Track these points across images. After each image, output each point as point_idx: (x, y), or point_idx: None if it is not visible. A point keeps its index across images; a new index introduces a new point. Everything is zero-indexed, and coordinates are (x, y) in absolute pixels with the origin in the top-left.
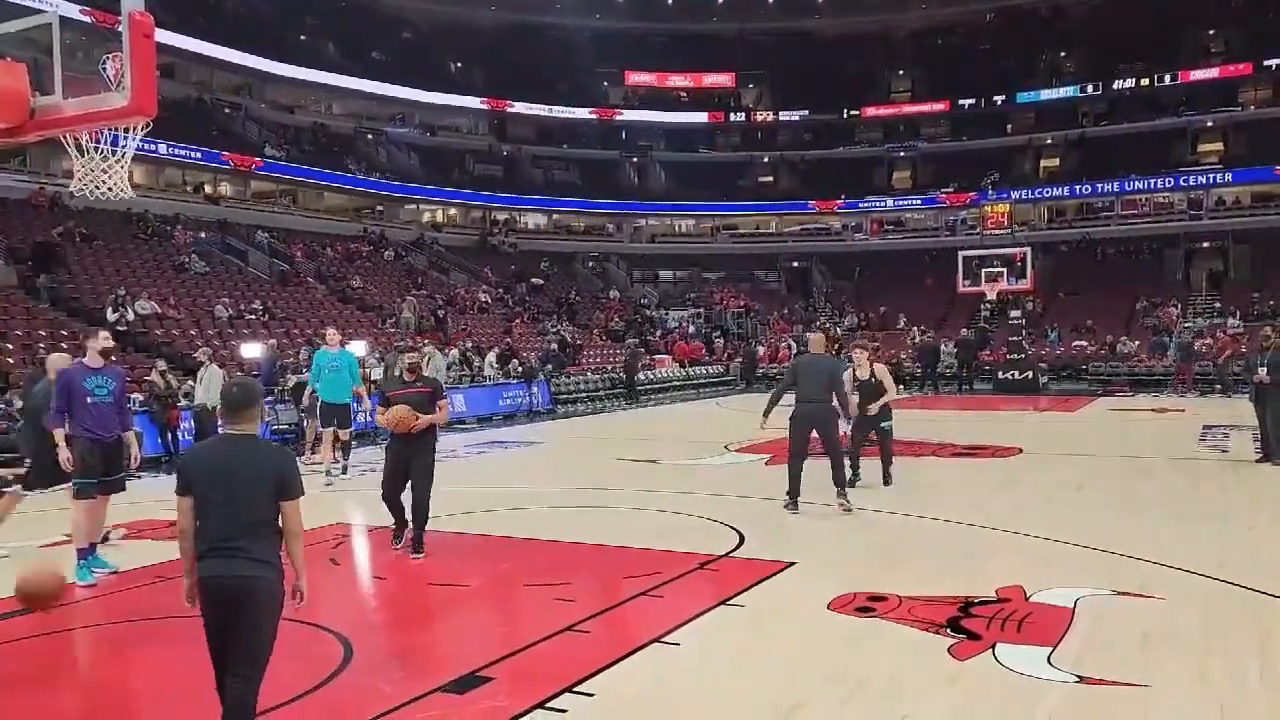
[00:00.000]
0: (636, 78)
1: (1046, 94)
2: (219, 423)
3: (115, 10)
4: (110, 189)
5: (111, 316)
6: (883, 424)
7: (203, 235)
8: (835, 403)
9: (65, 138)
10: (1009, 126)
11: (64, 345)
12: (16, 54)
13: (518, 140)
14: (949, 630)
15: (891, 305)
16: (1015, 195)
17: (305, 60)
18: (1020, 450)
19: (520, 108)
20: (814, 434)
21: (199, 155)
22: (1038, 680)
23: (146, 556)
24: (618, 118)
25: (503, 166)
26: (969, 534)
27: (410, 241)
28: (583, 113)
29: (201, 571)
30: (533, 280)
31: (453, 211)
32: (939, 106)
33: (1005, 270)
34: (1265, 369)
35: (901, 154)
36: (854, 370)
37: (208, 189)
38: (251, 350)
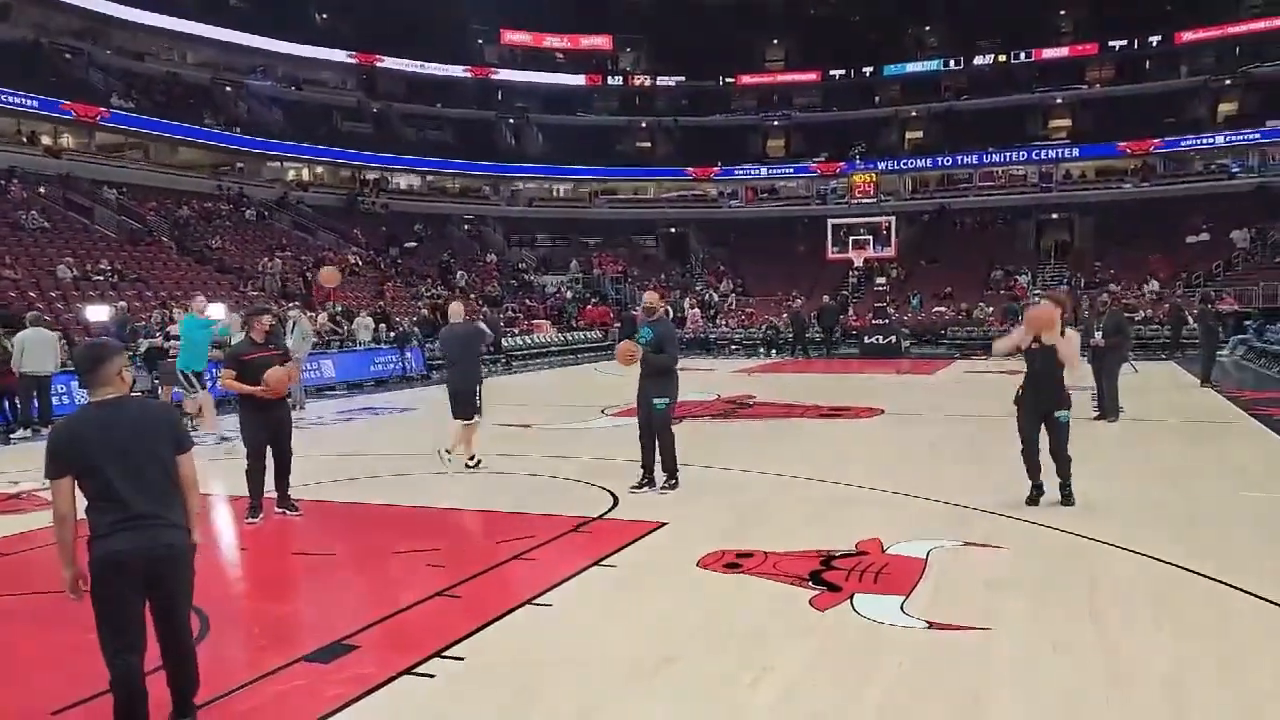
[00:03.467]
0: (513, 36)
1: (912, 67)
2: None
3: None
4: None
5: None
6: (1057, 413)
7: (41, 190)
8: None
9: None
10: (877, 98)
11: None
12: None
13: (388, 97)
14: (811, 583)
15: (765, 271)
16: (882, 165)
17: (155, 5)
18: (883, 411)
19: (391, 63)
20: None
21: (35, 104)
22: (891, 627)
23: None
24: (494, 77)
25: (373, 124)
26: (833, 491)
27: (274, 201)
28: (457, 71)
29: (113, 545)
30: (406, 244)
31: (320, 170)
32: (811, 76)
33: (871, 238)
34: (1101, 333)
35: (775, 123)
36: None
37: (47, 140)
38: (98, 313)
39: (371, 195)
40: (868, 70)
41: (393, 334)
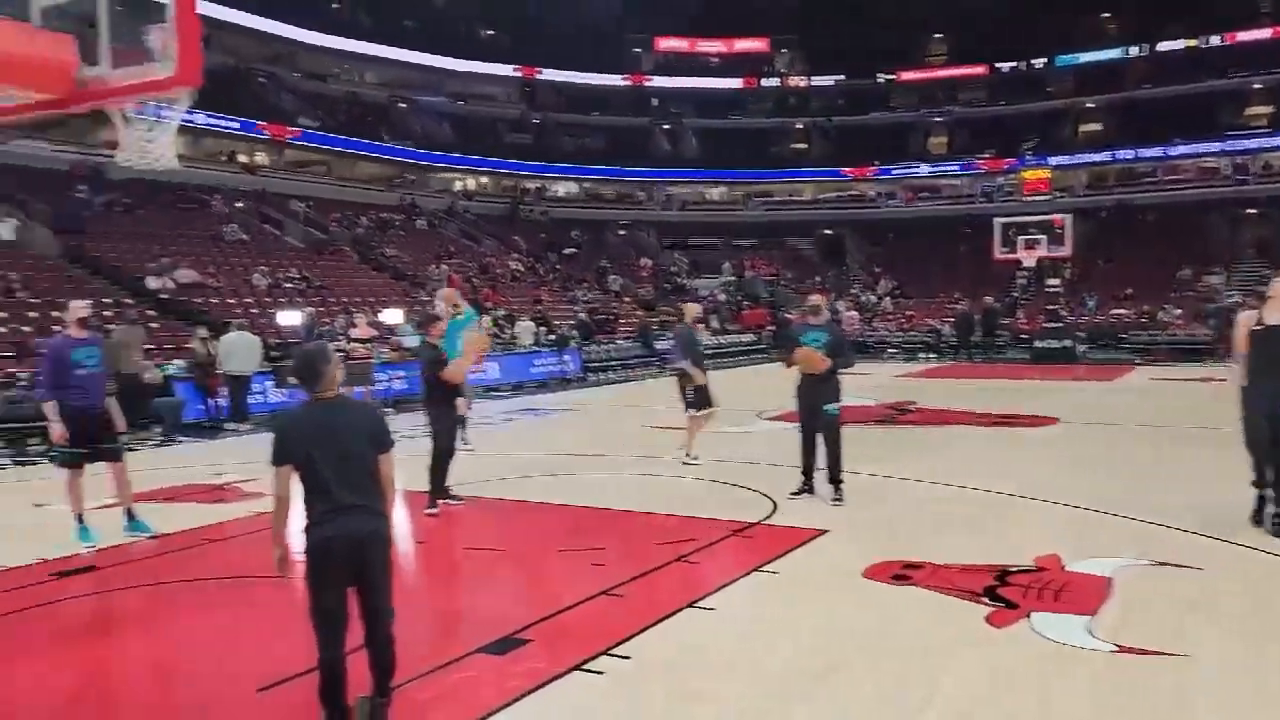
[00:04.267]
0: (667, 43)
1: (1088, 56)
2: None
3: None
4: (156, 160)
5: (154, 284)
6: None
7: (240, 205)
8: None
9: (110, 109)
10: (1049, 90)
11: (107, 314)
12: (62, 26)
13: (548, 108)
14: (985, 598)
15: (925, 273)
16: (1055, 161)
17: (338, 29)
18: (1056, 420)
19: (550, 75)
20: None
21: (236, 125)
22: (1076, 649)
23: (194, 520)
24: (648, 84)
25: (533, 135)
26: (1005, 503)
27: (443, 210)
28: (613, 79)
29: (325, 532)
30: (564, 250)
31: (484, 180)
32: (977, 70)
33: (1043, 237)
34: None
35: (937, 119)
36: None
37: (244, 159)
38: (289, 318)
39: (532, 203)
40: (1039, 62)
41: (552, 337)
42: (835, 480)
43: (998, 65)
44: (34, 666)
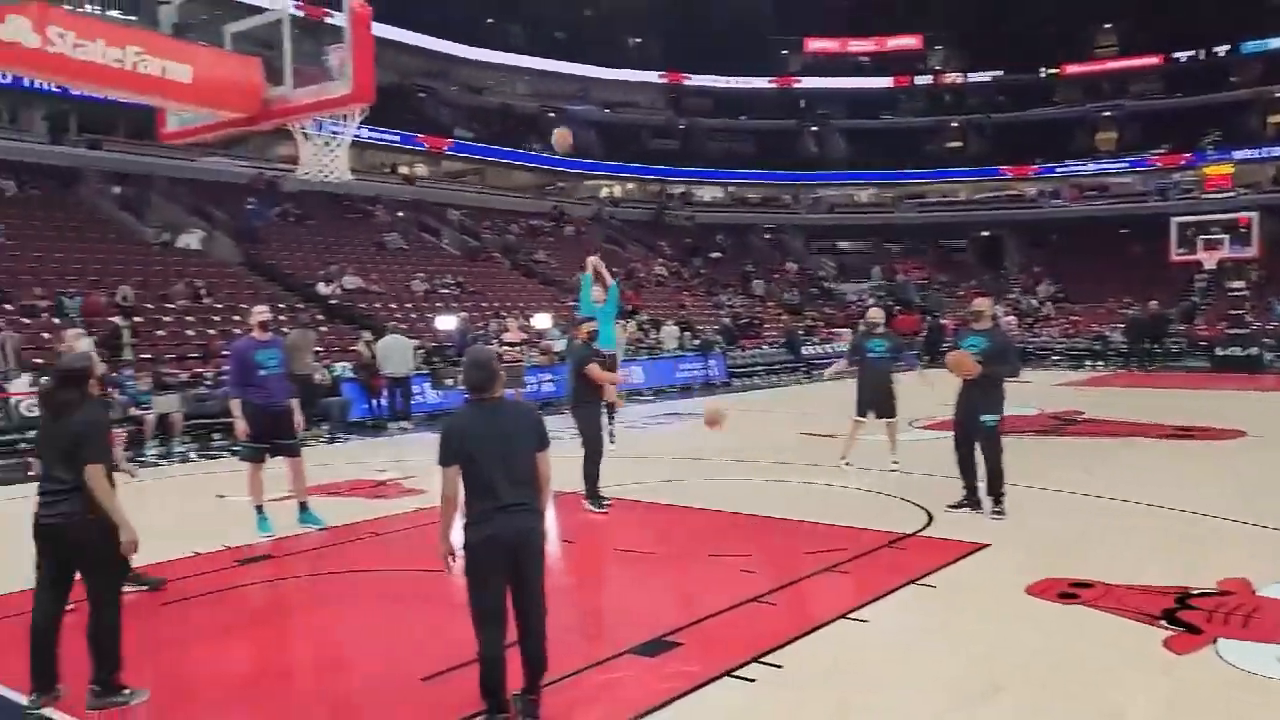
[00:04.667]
0: (816, 44)
1: (1278, 42)
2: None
3: (320, 3)
4: (331, 173)
5: (324, 290)
6: None
7: (400, 214)
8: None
9: (292, 126)
10: (1233, 79)
11: (281, 318)
12: (250, 50)
13: (694, 113)
14: (1164, 622)
15: (1091, 275)
16: (1239, 155)
17: (492, 43)
18: (1243, 433)
19: (697, 80)
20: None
21: (397, 138)
22: (1268, 680)
23: (358, 514)
24: (796, 86)
25: (679, 140)
26: (1184, 521)
27: (590, 216)
28: (760, 82)
29: (488, 530)
30: (709, 254)
31: (630, 186)
32: (1151, 61)
33: (1226, 237)
34: None
35: (1106, 114)
36: None
37: (404, 170)
38: (446, 322)
39: (677, 208)
40: (1221, 49)
41: (696, 342)
42: (995, 494)
43: (1174, 55)
44: (216, 647)
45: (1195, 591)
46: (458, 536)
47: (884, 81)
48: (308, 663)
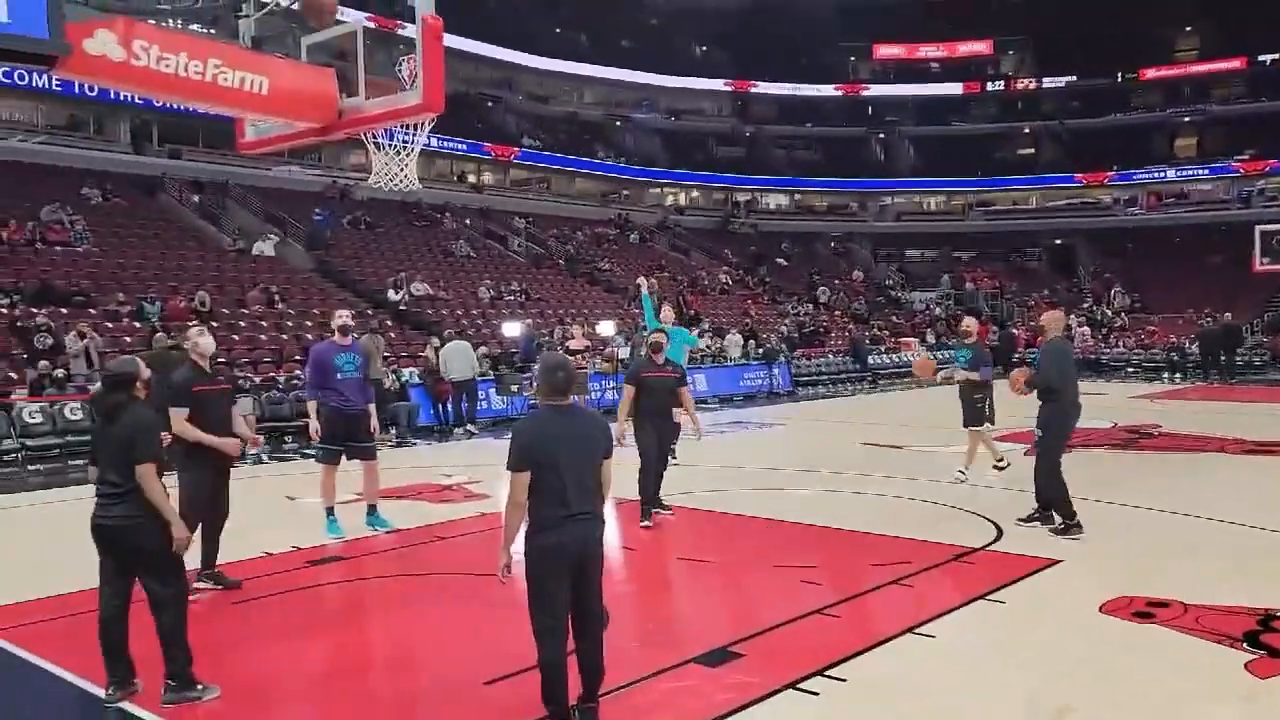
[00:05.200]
0: (885, 50)
1: None
2: (539, 399)
3: (392, 15)
4: (402, 182)
5: (394, 296)
6: None
7: (467, 222)
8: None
9: (366, 136)
10: None
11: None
12: (324, 60)
13: (760, 120)
14: (1245, 645)
15: (1170, 285)
16: None
17: (559, 52)
18: None
19: (763, 88)
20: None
21: (465, 147)
22: None
23: (424, 517)
24: (864, 93)
25: (744, 147)
26: (1264, 539)
27: (654, 224)
28: (827, 89)
29: (558, 538)
30: (776, 260)
31: (695, 194)
32: (1234, 64)
33: None
34: None
35: (1186, 119)
36: None
37: (471, 178)
38: (512, 329)
39: (742, 216)
40: None
41: (760, 350)
42: (1047, 509)
43: (1258, 58)
44: (286, 647)
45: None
46: (518, 546)
47: (954, 88)
48: (373, 663)
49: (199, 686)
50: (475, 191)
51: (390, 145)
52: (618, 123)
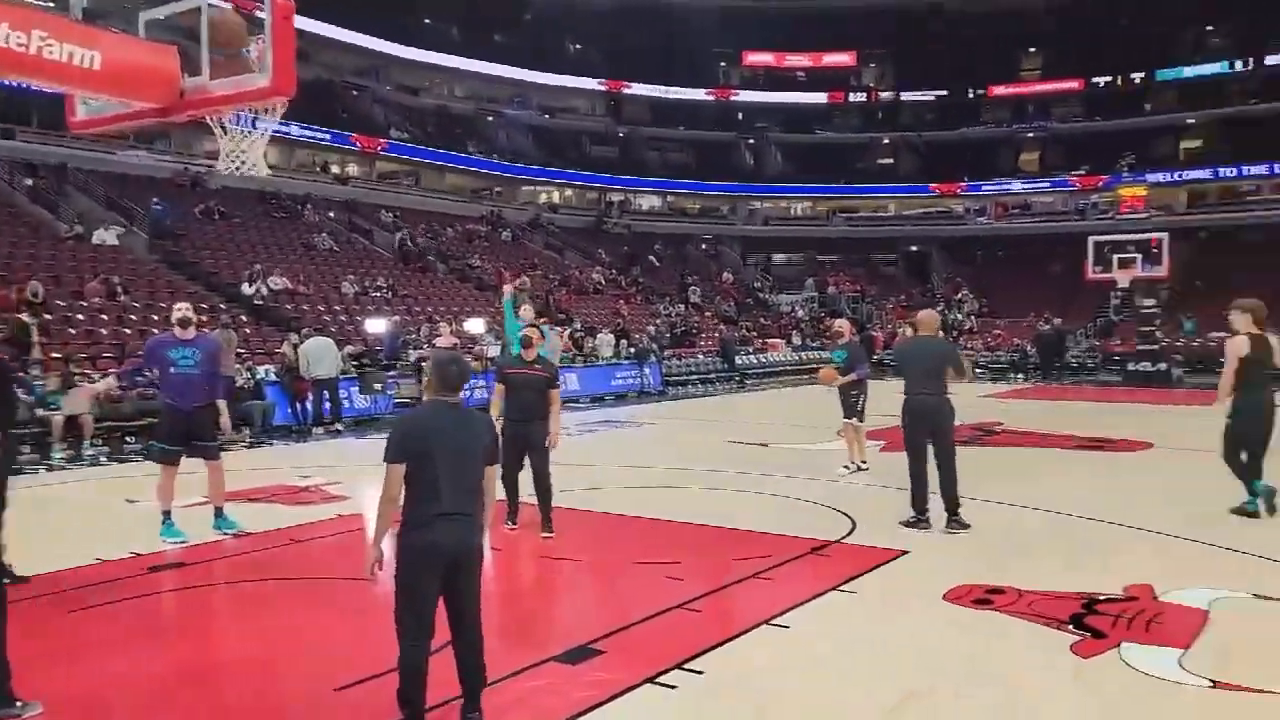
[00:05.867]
0: (754, 58)
1: (1190, 71)
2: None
3: None
4: (250, 168)
5: (248, 290)
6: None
7: (331, 215)
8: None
9: (211, 119)
10: (1148, 105)
11: (202, 318)
12: (164, 38)
13: (633, 121)
14: (1071, 627)
15: (1014, 291)
16: (1152, 178)
17: (429, 44)
18: (1151, 445)
19: (637, 89)
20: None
21: (328, 137)
22: (1168, 683)
23: (278, 520)
24: (734, 98)
25: (618, 148)
26: (1093, 529)
27: (527, 222)
28: (699, 94)
29: (430, 537)
30: (648, 260)
31: (569, 193)
32: (1072, 85)
33: (1139, 257)
34: None
35: (1030, 135)
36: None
37: (336, 169)
38: (376, 326)
39: (615, 216)
40: (1137, 76)
41: (632, 350)
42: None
43: (1094, 80)
44: (123, 658)
45: (1102, 597)
46: (389, 543)
47: (819, 97)
48: (217, 672)
49: (18, 704)
50: (340, 183)
51: (238, 129)
52: (490, 118)
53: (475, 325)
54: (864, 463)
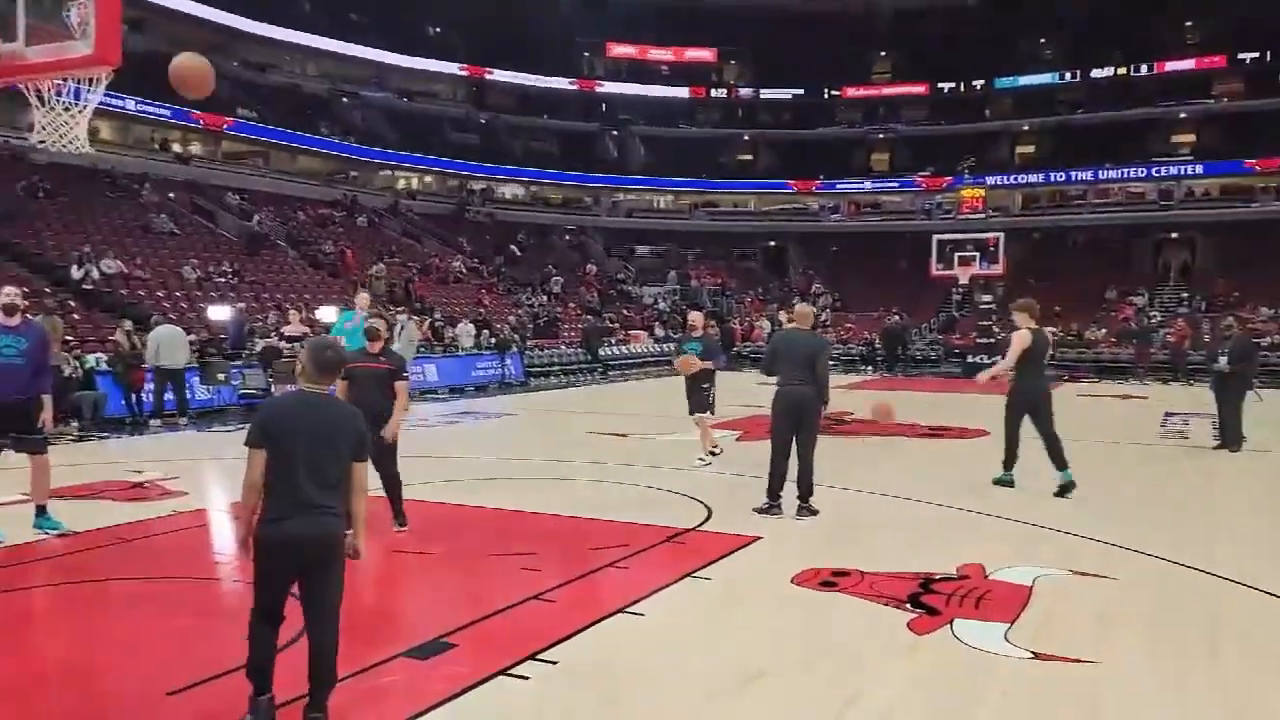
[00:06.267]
0: (619, 49)
1: (1025, 80)
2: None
3: None
4: (70, 142)
5: (76, 274)
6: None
7: (171, 195)
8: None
9: (27, 88)
10: (987, 111)
11: (26, 303)
12: None
13: (496, 109)
14: (909, 605)
15: (865, 286)
16: (991, 181)
17: (280, 18)
18: (987, 432)
19: (500, 76)
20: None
21: (168, 113)
22: (993, 655)
23: (107, 518)
24: (599, 89)
25: (480, 135)
26: (933, 513)
27: (385, 208)
28: (563, 83)
29: (287, 529)
30: (511, 249)
31: (428, 179)
32: (918, 89)
33: (978, 255)
34: (1226, 358)
35: (880, 136)
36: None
37: (177, 148)
38: (219, 313)
39: (477, 205)
40: (978, 83)
41: (494, 340)
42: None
43: (939, 85)
44: None
45: (938, 576)
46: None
47: (682, 91)
48: (37, 680)
49: None
50: (181, 163)
51: (59, 101)
52: (345, 99)
53: (327, 313)
54: (716, 448)
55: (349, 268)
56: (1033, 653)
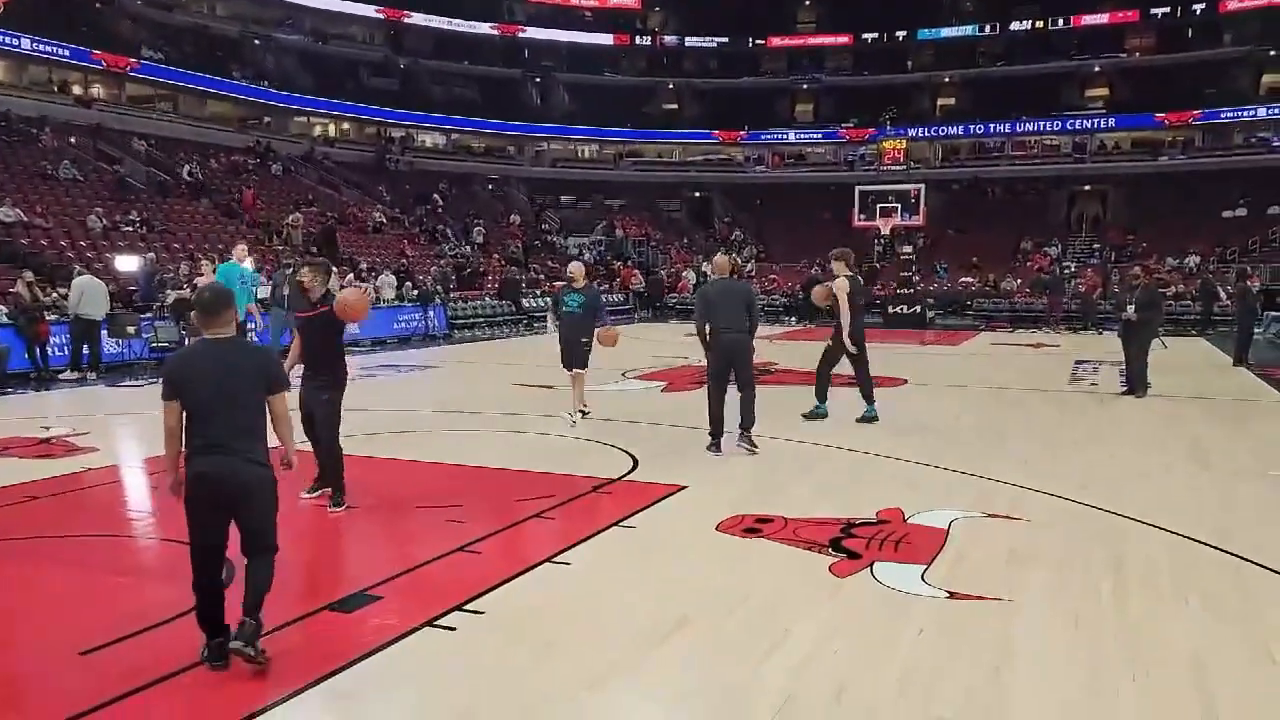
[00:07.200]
0: None
1: (946, 32)
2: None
3: None
4: None
5: None
6: None
7: (73, 141)
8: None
9: None
10: (909, 63)
11: None
12: None
13: (415, 54)
14: (831, 550)
15: (790, 237)
16: (912, 132)
17: None
18: (906, 381)
19: (418, 19)
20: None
21: (67, 53)
22: (911, 595)
23: (12, 475)
24: (521, 35)
25: (399, 80)
26: (854, 459)
27: (300, 155)
28: (484, 28)
29: (199, 468)
30: (433, 199)
31: (346, 126)
32: (843, 39)
33: (899, 206)
34: (1133, 307)
35: (804, 86)
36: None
37: (78, 90)
38: (127, 263)
39: (398, 153)
40: (901, 34)
41: (416, 292)
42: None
43: (863, 35)
44: None
45: (858, 521)
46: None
47: (605, 38)
48: None
49: None
50: (83, 106)
51: None
52: (257, 41)
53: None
54: (585, 407)
55: (247, 208)
56: (948, 592)
